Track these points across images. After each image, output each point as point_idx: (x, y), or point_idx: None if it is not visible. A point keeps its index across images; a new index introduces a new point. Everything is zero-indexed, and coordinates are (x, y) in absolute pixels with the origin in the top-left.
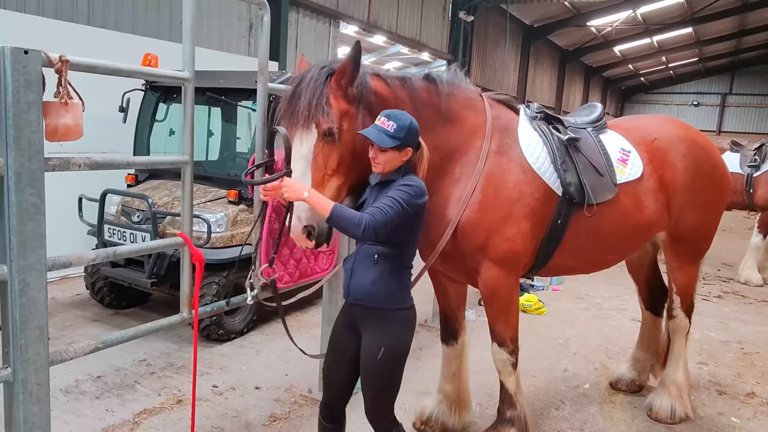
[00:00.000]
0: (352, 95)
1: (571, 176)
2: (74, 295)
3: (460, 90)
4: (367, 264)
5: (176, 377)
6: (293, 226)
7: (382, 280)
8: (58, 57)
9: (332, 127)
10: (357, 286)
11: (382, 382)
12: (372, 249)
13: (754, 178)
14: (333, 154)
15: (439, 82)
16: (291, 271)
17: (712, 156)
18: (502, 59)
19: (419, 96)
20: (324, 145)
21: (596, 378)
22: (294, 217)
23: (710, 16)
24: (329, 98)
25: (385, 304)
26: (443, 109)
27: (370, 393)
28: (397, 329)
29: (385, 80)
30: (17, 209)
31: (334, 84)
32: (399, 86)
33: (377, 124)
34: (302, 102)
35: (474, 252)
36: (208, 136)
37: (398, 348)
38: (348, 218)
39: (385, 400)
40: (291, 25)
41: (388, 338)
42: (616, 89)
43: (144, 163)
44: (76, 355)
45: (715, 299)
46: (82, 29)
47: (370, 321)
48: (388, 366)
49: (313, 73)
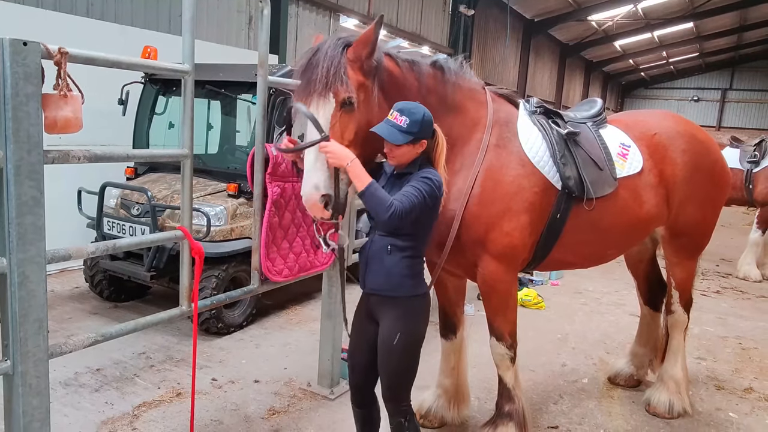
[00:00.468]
0: (369, 68)
1: (571, 170)
2: (73, 288)
3: (465, 80)
4: (381, 255)
5: (175, 370)
6: (308, 193)
7: (396, 270)
8: (57, 49)
9: (351, 96)
10: (372, 277)
11: (398, 368)
12: (385, 240)
13: (753, 173)
14: (350, 124)
15: (447, 71)
16: (290, 264)
17: (712, 151)
18: (503, 53)
19: (426, 82)
20: (342, 115)
21: (595, 373)
22: (310, 185)
23: (711, 11)
24: (347, 68)
25: (399, 293)
26: (448, 97)
27: (386, 377)
28: (411, 316)
29: (396, 60)
30: (16, 202)
31: (352, 55)
32: (408, 68)
33: (389, 119)
34: (320, 71)
35: (473, 245)
36: (208, 129)
37: (413, 334)
38: (381, 198)
39: (401, 385)
40: (291, 18)
41: (403, 325)
42: (617, 84)
43: (144, 156)
44: (76, 348)
45: (713, 294)
46: (81, 21)
47: (386, 309)
48: (404, 351)
49: (330, 43)
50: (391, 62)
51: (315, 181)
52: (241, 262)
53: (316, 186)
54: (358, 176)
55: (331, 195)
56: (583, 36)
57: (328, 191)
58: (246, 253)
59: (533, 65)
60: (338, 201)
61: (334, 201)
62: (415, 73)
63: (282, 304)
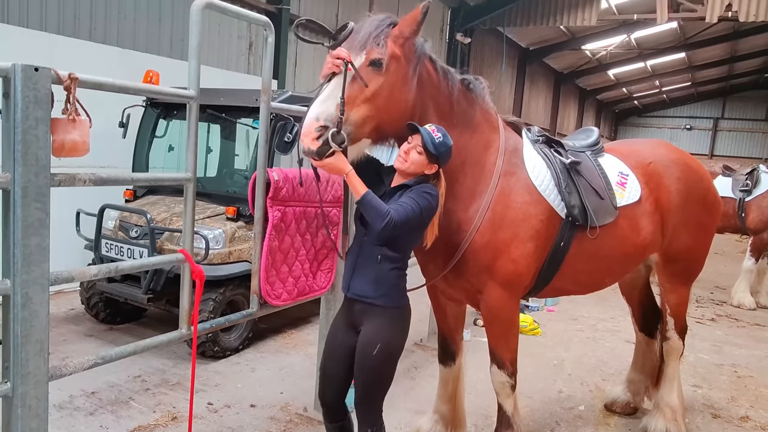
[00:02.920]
0: (408, 49)
1: (575, 199)
2: (68, 309)
3: (485, 102)
4: (371, 263)
5: (171, 394)
6: (308, 120)
7: (383, 280)
8: (68, 75)
9: (381, 58)
10: (359, 283)
11: (375, 377)
12: (375, 250)
13: (746, 202)
14: (373, 81)
15: (473, 89)
16: (289, 288)
17: (704, 179)
18: (498, 81)
19: (456, 94)
20: (369, 70)
21: (591, 400)
22: (313, 114)
23: (702, 42)
24: (387, 38)
25: (385, 302)
26: (470, 115)
27: (361, 386)
28: (392, 327)
29: (435, 64)
30: (22, 223)
31: (396, 30)
32: (443, 75)
33: (426, 128)
34: (361, 35)
35: (480, 272)
36: (207, 152)
37: (393, 344)
38: (377, 207)
39: (375, 394)
40: (291, 44)
41: (385, 334)
42: (610, 112)
43: (148, 179)
44: (76, 370)
45: (708, 322)
46: (84, 45)
47: (368, 317)
48: (381, 362)
49: (377, 17)
50: (430, 64)
51: (318, 111)
52: (238, 286)
53: (317, 116)
54: (356, 185)
55: (328, 127)
56: (578, 64)
57: (327, 123)
58: (243, 276)
59: (528, 93)
60: (333, 138)
61: (327, 136)
62: (449, 81)
63: (278, 327)
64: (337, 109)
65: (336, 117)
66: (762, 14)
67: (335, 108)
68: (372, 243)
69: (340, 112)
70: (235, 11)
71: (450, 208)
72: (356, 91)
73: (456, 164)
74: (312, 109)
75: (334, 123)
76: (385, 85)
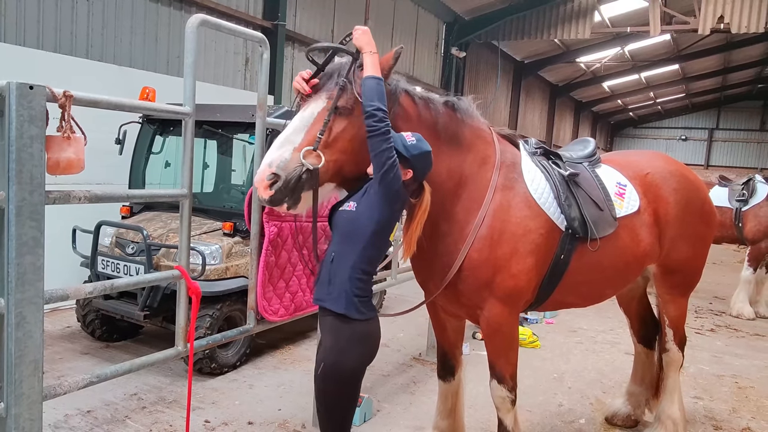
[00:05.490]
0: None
1: (575, 211)
2: (64, 327)
3: (474, 120)
4: (339, 268)
5: (168, 412)
6: (261, 167)
7: (348, 285)
8: (62, 92)
9: (346, 105)
10: (320, 288)
11: (319, 398)
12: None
13: (742, 212)
14: (339, 128)
15: (459, 110)
16: (287, 304)
17: (701, 190)
18: (494, 94)
19: (441, 120)
20: (335, 117)
21: (592, 413)
22: (267, 160)
23: (696, 53)
24: (355, 84)
25: (346, 311)
26: (460, 135)
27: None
28: (345, 347)
29: (413, 98)
30: (17, 242)
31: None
32: (424, 105)
33: (401, 133)
34: (327, 79)
35: (479, 288)
36: (204, 168)
37: (340, 365)
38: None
39: (328, 419)
40: (286, 59)
41: (332, 355)
42: (606, 123)
43: (143, 196)
44: (71, 390)
45: (708, 333)
46: (81, 62)
47: (324, 329)
48: (324, 382)
49: (342, 60)
50: (408, 98)
51: (272, 158)
52: (235, 301)
53: (269, 163)
54: (375, 66)
55: (281, 176)
56: (573, 77)
57: (278, 171)
58: (240, 292)
59: (524, 105)
60: (286, 184)
61: (281, 183)
62: (431, 110)
63: (276, 343)
64: (293, 155)
65: (292, 164)
66: (753, 26)
67: (290, 154)
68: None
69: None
70: (230, 28)
71: (447, 229)
72: (313, 136)
73: (450, 186)
74: (267, 155)
75: (287, 170)
76: (353, 132)
